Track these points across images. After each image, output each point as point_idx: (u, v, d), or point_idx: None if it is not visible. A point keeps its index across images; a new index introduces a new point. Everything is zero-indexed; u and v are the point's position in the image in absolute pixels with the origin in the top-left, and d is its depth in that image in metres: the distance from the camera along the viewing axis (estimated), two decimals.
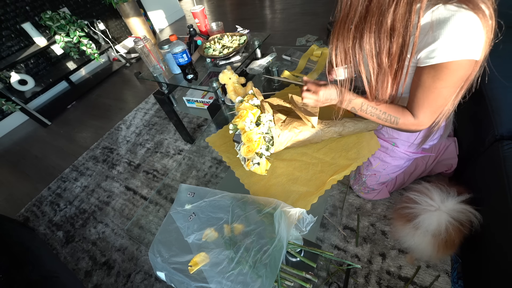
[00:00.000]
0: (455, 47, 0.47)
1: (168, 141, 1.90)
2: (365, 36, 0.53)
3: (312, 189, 0.75)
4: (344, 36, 0.56)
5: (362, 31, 0.52)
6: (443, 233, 0.73)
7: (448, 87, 0.52)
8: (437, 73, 0.51)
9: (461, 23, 0.45)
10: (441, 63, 0.49)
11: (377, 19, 0.49)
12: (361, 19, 0.51)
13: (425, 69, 0.53)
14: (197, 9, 1.36)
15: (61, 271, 1.19)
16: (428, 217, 0.75)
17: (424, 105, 0.58)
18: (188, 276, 0.62)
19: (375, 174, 1.00)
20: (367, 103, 0.67)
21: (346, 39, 0.56)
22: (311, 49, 1.27)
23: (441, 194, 0.75)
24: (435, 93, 0.54)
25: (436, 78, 0.52)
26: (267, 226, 0.65)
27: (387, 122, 0.66)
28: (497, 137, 0.81)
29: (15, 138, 2.52)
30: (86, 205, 1.63)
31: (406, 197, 0.83)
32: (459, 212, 0.72)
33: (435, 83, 0.53)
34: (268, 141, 0.76)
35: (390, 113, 0.65)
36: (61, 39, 2.44)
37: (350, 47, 0.56)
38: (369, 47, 0.54)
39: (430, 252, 0.78)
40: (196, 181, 1.25)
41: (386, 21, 0.48)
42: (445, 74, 0.51)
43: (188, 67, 1.18)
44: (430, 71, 0.52)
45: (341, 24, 0.55)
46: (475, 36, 0.46)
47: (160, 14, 3.76)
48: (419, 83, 0.56)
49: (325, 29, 2.52)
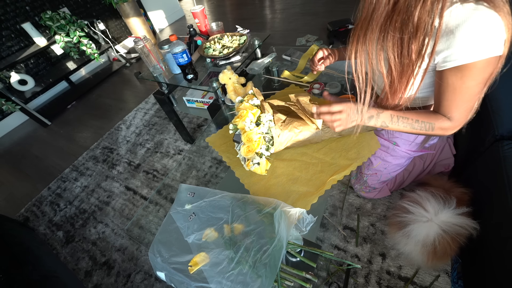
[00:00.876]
0: (478, 46, 0.46)
1: (168, 141, 1.90)
2: (389, 36, 0.52)
3: (312, 189, 0.75)
4: (367, 37, 0.54)
5: (387, 30, 0.51)
6: (432, 245, 0.74)
7: (478, 84, 0.52)
8: (465, 73, 0.51)
9: (482, 22, 0.44)
10: (468, 63, 0.49)
11: (403, 17, 0.48)
12: (387, 19, 0.50)
13: (450, 71, 0.52)
14: (197, 9, 1.36)
15: (61, 271, 1.19)
16: (417, 227, 0.76)
17: (458, 106, 0.57)
18: (188, 276, 0.62)
19: (376, 173, 1.00)
20: (395, 114, 0.63)
21: (370, 40, 0.54)
22: (311, 49, 1.27)
23: (436, 204, 0.76)
24: (468, 93, 0.54)
25: (465, 78, 0.51)
26: (267, 226, 0.65)
27: (422, 130, 0.64)
28: (497, 137, 0.80)
29: (15, 138, 2.52)
30: (86, 205, 1.63)
31: (399, 205, 0.84)
32: (454, 225, 0.73)
33: (466, 83, 0.52)
34: (268, 141, 0.76)
35: (423, 120, 0.62)
36: (61, 39, 2.44)
37: (374, 47, 0.55)
38: (391, 47, 0.53)
39: (421, 261, 0.80)
40: (196, 181, 1.26)
41: (412, 19, 0.47)
42: (474, 73, 0.50)
43: (188, 67, 1.18)
44: (457, 73, 0.52)
45: (363, 24, 0.53)
46: (497, 34, 0.45)
47: (160, 14, 3.76)
48: (446, 85, 0.55)
49: (325, 29, 2.52)
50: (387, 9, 0.49)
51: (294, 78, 1.17)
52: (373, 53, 0.55)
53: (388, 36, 0.52)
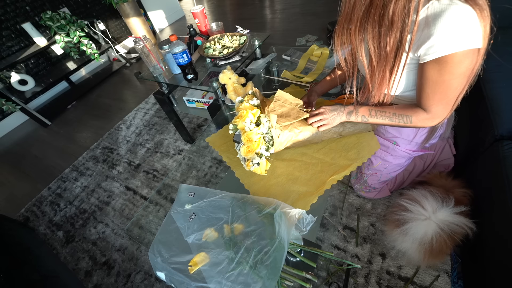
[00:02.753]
0: (455, 38, 0.48)
1: (168, 141, 1.90)
2: (369, 28, 0.54)
3: (312, 189, 0.75)
4: (349, 29, 0.57)
5: (366, 23, 0.54)
6: (429, 242, 0.75)
7: (456, 78, 0.53)
8: (442, 66, 0.52)
9: (457, 14, 0.46)
10: (444, 56, 0.50)
11: (380, 11, 0.51)
12: (365, 13, 0.53)
13: (429, 64, 0.54)
14: (197, 9, 1.36)
15: (61, 271, 1.19)
16: (415, 225, 0.77)
17: (436, 99, 0.59)
18: (188, 276, 0.62)
19: (376, 173, 1.00)
20: (373, 108, 0.69)
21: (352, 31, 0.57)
22: (311, 49, 1.27)
23: (434, 203, 0.76)
24: (444, 86, 0.55)
25: (443, 72, 0.53)
26: (267, 226, 0.65)
27: (401, 123, 0.67)
28: (497, 137, 0.81)
29: (15, 138, 2.52)
30: (86, 205, 1.63)
31: (397, 203, 0.85)
32: (451, 223, 0.73)
33: (443, 76, 0.53)
34: (268, 141, 0.76)
35: (400, 113, 0.66)
36: (61, 39, 2.44)
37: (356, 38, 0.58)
38: (371, 39, 0.55)
39: (417, 259, 0.80)
40: (196, 181, 1.26)
41: (387, 13, 0.50)
42: (451, 66, 0.51)
43: (188, 67, 1.18)
44: (435, 66, 0.53)
45: (346, 18, 0.57)
46: (473, 26, 0.46)
47: (160, 14, 3.77)
48: (425, 78, 0.57)
49: (325, 29, 2.52)
50: (365, 3, 0.51)
51: (294, 78, 1.17)
52: (356, 44, 0.58)
53: (368, 28, 0.54)
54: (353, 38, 0.57)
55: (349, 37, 0.58)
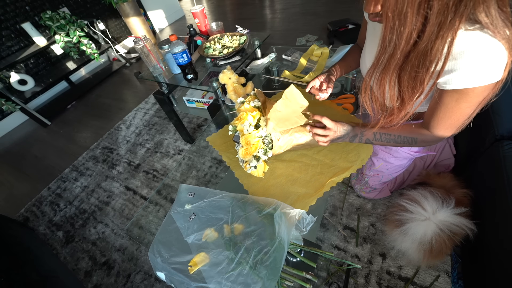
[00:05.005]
0: (479, 73, 0.47)
1: (168, 141, 1.90)
2: (404, 76, 0.52)
3: (311, 190, 0.74)
4: (382, 75, 0.54)
5: (403, 70, 0.51)
6: (428, 243, 0.75)
7: (472, 106, 0.53)
8: (461, 96, 0.52)
9: (485, 50, 0.45)
10: (467, 88, 0.49)
11: (421, 57, 0.48)
12: (404, 60, 0.50)
13: (448, 91, 0.53)
14: (197, 9, 1.36)
15: (61, 271, 1.19)
16: (415, 225, 0.77)
17: (446, 124, 0.58)
18: (188, 276, 0.62)
19: (378, 174, 1.00)
20: (378, 131, 0.67)
21: (384, 79, 0.54)
22: (311, 49, 1.27)
23: (434, 203, 0.76)
24: (459, 113, 0.55)
25: (460, 101, 0.53)
26: (267, 227, 0.65)
27: (406, 144, 0.67)
28: (497, 137, 0.80)
29: (15, 138, 2.52)
30: (86, 205, 1.63)
31: (397, 204, 0.85)
32: (451, 224, 0.73)
33: (459, 104, 0.53)
34: (267, 144, 0.76)
35: (405, 134, 0.66)
36: (61, 39, 2.44)
37: (387, 83, 0.55)
38: (406, 81, 0.53)
39: (417, 259, 0.81)
40: (196, 181, 1.25)
41: (430, 56, 0.47)
42: (470, 97, 0.51)
43: (188, 67, 1.18)
44: (454, 94, 0.53)
45: (379, 66, 0.53)
46: (498, 61, 0.45)
47: (160, 14, 3.76)
48: (441, 104, 0.56)
49: (325, 29, 2.52)
50: (404, 53, 0.48)
51: (294, 78, 1.17)
52: (386, 88, 0.56)
53: (403, 73, 0.52)
54: (384, 84, 0.55)
55: (380, 84, 0.56)
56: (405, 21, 0.42)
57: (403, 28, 0.43)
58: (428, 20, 0.41)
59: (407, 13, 0.41)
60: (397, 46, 0.46)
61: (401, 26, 0.43)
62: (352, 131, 0.69)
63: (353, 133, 0.69)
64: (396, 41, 0.46)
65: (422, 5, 0.40)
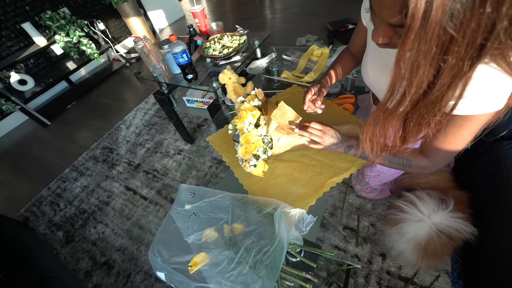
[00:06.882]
0: (484, 102, 0.47)
1: (168, 141, 1.90)
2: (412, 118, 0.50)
3: (311, 191, 0.74)
4: (386, 121, 0.52)
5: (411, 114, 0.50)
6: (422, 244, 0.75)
7: (474, 133, 0.53)
8: (464, 122, 0.52)
9: (493, 77, 0.44)
10: (470, 115, 0.49)
11: (430, 106, 0.46)
12: (412, 108, 0.48)
13: (451, 117, 0.52)
14: (197, 9, 1.36)
15: (61, 271, 1.19)
16: (408, 225, 0.77)
17: (445, 150, 0.58)
18: (188, 276, 0.62)
19: (379, 175, 1.00)
20: None
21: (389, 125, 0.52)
22: (311, 49, 1.27)
23: (431, 205, 0.76)
24: (460, 139, 0.55)
25: (463, 127, 0.52)
26: (267, 226, 0.65)
27: (400, 165, 0.65)
28: (497, 137, 0.81)
29: (15, 138, 2.52)
30: (86, 205, 1.63)
31: (395, 204, 0.85)
32: (448, 227, 0.73)
33: (461, 130, 0.53)
34: (266, 143, 0.76)
35: (401, 156, 0.65)
36: (61, 39, 2.44)
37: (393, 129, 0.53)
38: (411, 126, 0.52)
39: (413, 259, 0.81)
40: (196, 181, 1.25)
41: (439, 104, 0.45)
42: (474, 124, 0.51)
43: (188, 67, 1.18)
44: (458, 121, 0.52)
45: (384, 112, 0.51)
46: (503, 90, 0.45)
47: (160, 14, 3.76)
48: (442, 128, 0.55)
49: (325, 29, 2.52)
50: (412, 102, 0.46)
51: (294, 78, 1.17)
52: (389, 131, 0.54)
53: (408, 119, 0.51)
54: (388, 128, 0.53)
55: (383, 128, 0.54)
56: (417, 72, 0.40)
57: (414, 78, 0.41)
58: (440, 73, 0.39)
59: (420, 65, 0.38)
60: (407, 94, 0.44)
61: (412, 77, 0.41)
62: (346, 140, 0.69)
63: (348, 143, 0.69)
64: (406, 89, 0.44)
65: (436, 59, 0.37)
